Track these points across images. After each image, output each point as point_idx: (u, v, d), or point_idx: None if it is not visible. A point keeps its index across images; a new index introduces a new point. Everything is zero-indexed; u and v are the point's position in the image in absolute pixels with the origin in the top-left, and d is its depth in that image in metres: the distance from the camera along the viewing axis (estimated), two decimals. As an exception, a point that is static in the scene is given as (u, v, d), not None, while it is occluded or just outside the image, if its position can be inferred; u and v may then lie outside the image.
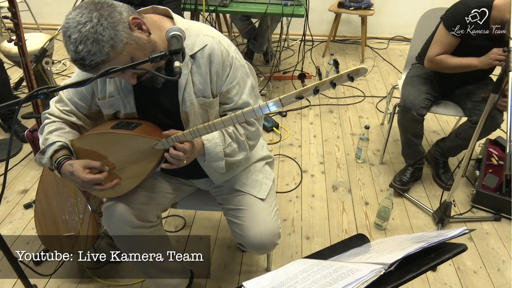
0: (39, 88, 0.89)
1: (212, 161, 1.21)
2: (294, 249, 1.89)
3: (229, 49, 1.20)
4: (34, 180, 2.28)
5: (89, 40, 0.94)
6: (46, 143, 1.19)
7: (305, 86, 0.98)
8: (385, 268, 0.73)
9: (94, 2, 0.99)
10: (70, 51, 0.96)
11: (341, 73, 0.92)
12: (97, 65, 0.97)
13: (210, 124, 1.05)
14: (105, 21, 0.95)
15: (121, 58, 0.99)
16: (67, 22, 0.96)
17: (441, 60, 1.94)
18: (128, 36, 0.99)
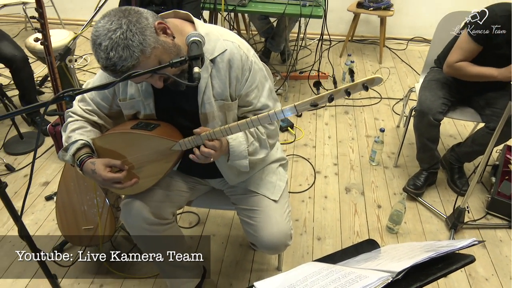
0: (65, 91, 0.93)
1: (236, 159, 1.22)
2: (305, 249, 1.91)
3: (248, 53, 1.23)
4: (55, 173, 2.36)
5: (120, 46, 0.97)
6: (69, 141, 1.25)
7: (320, 93, 1.00)
8: (393, 276, 0.75)
9: (121, 9, 1.03)
10: (101, 58, 0.99)
11: (356, 82, 0.94)
12: (128, 70, 1.00)
13: (230, 127, 1.07)
14: (134, 27, 0.99)
15: (150, 62, 1.02)
16: (97, 30, 0.99)
17: (461, 67, 1.92)
18: (155, 40, 1.02)
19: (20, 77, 2.53)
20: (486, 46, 1.84)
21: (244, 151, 1.21)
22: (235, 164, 1.24)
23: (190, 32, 1.18)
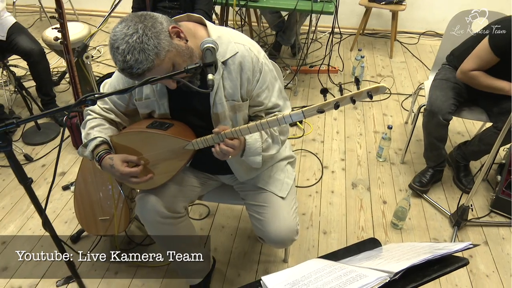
0: (87, 95, 1.00)
1: (250, 155, 1.26)
2: (311, 242, 1.98)
3: (259, 55, 1.28)
4: (71, 163, 2.45)
5: (136, 50, 1.03)
6: (88, 137, 1.32)
7: (326, 100, 1.05)
8: (390, 276, 0.81)
9: (137, 15, 1.08)
10: (119, 61, 1.05)
11: (361, 90, 0.99)
12: (143, 72, 1.06)
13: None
14: (149, 32, 1.04)
15: (164, 64, 1.08)
16: (115, 34, 1.05)
17: (475, 76, 1.92)
18: (169, 44, 1.08)
19: (37, 70, 2.61)
20: (503, 59, 1.83)
21: (259, 148, 1.26)
22: (249, 160, 1.28)
23: (203, 34, 1.23)
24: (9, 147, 1.03)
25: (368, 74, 3.40)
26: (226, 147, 1.16)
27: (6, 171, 2.39)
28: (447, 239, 2.00)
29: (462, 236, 2.02)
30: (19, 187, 2.29)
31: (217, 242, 1.98)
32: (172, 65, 1.10)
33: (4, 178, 2.35)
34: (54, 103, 2.78)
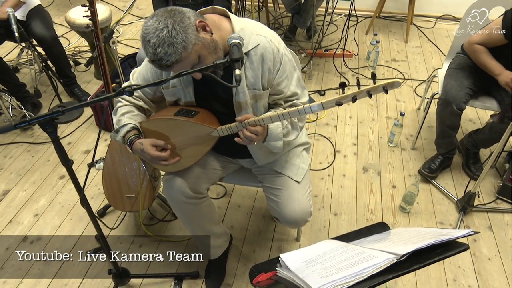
0: (125, 86, 1.10)
1: (272, 140, 1.35)
2: (322, 223, 2.09)
3: (279, 46, 1.35)
4: (95, 142, 2.57)
5: (165, 43, 1.12)
6: (120, 124, 1.42)
7: (345, 93, 1.12)
8: (397, 258, 0.91)
9: (167, 10, 1.16)
10: (149, 53, 1.14)
11: (377, 84, 1.07)
12: (172, 64, 1.15)
13: (269, 116, 1.20)
14: (178, 26, 1.13)
15: (191, 56, 1.17)
16: (146, 28, 1.14)
17: (477, 50, 2.00)
18: (196, 37, 1.16)
19: (53, 55, 2.69)
20: (510, 43, 1.88)
21: (280, 133, 1.34)
22: (270, 145, 1.37)
23: (227, 27, 1.31)
24: (55, 132, 1.14)
25: (383, 58, 3.42)
26: (250, 134, 1.25)
27: (35, 148, 2.53)
28: (453, 224, 2.09)
29: (467, 221, 2.11)
30: (47, 163, 2.43)
31: (233, 220, 2.11)
32: (198, 57, 1.19)
33: (33, 154, 2.49)
34: (75, 83, 2.89)
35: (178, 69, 1.18)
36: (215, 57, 1.22)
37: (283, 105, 1.42)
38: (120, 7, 4.18)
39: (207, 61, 1.20)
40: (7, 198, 2.21)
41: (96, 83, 3.09)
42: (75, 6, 4.15)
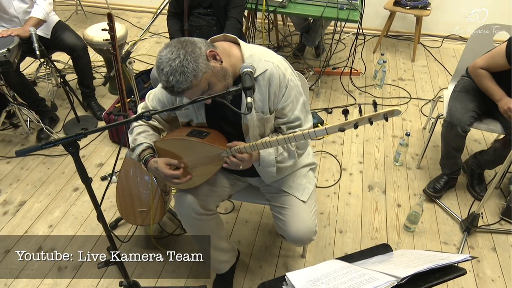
0: (144, 111, 1.18)
1: (265, 166, 1.46)
2: (328, 240, 2.14)
3: (286, 72, 1.42)
4: (108, 155, 2.66)
5: (177, 72, 1.20)
6: (135, 143, 1.50)
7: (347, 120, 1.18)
8: (398, 281, 0.96)
9: (180, 41, 1.25)
10: (162, 81, 1.23)
11: (378, 112, 1.12)
12: (183, 91, 1.24)
13: (267, 142, 1.29)
14: (189, 56, 1.21)
15: (201, 84, 1.25)
16: (160, 58, 1.22)
17: (480, 74, 2.06)
18: (206, 66, 1.24)
19: (80, 64, 2.81)
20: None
21: (272, 160, 1.43)
22: (264, 170, 1.47)
23: (237, 53, 1.39)
24: (77, 152, 1.22)
25: (390, 77, 3.48)
26: (236, 160, 1.36)
27: (50, 160, 2.62)
28: (457, 244, 2.12)
29: (471, 242, 2.14)
30: (62, 175, 2.52)
31: (240, 235, 2.16)
32: (208, 84, 1.27)
33: (48, 166, 2.58)
34: (93, 96, 3.00)
35: (189, 95, 1.26)
36: (225, 84, 1.30)
37: (284, 131, 1.49)
38: (134, 23, 4.32)
39: (217, 87, 1.29)
40: (23, 209, 2.29)
41: (111, 97, 3.20)
42: (91, 21, 4.32)
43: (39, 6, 2.52)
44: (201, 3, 2.48)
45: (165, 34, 4.06)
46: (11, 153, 2.66)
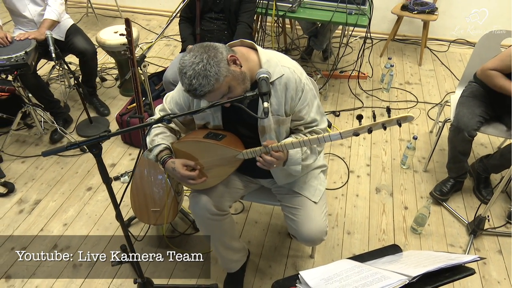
0: (165, 114, 1.22)
1: (291, 164, 1.47)
2: (336, 241, 2.18)
3: (301, 76, 1.47)
4: (120, 156, 2.71)
5: (200, 76, 1.25)
6: (153, 143, 1.55)
7: (361, 125, 1.23)
8: (409, 279, 1.00)
9: (203, 45, 1.29)
10: (185, 84, 1.27)
11: (392, 118, 1.17)
12: (205, 94, 1.28)
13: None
14: (212, 61, 1.26)
15: (222, 87, 1.29)
16: (184, 62, 1.27)
17: (492, 75, 2.07)
18: (227, 70, 1.29)
19: (87, 67, 2.88)
20: None
21: (299, 158, 1.46)
22: (290, 169, 1.50)
23: (254, 58, 1.44)
24: (100, 153, 1.27)
25: (397, 81, 3.52)
26: (270, 158, 1.37)
27: (64, 160, 2.68)
28: (463, 246, 2.16)
29: (477, 244, 2.17)
30: (75, 175, 2.58)
31: (250, 235, 2.21)
32: (228, 88, 1.31)
33: (62, 166, 2.64)
34: (95, 93, 3.10)
35: (210, 97, 1.31)
36: (243, 87, 1.35)
37: (303, 131, 1.54)
38: (144, 26, 4.39)
39: (236, 91, 1.33)
40: (38, 207, 2.35)
41: (122, 99, 3.26)
42: (101, 23, 4.39)
43: (51, 7, 2.58)
44: (213, 8, 2.53)
45: (174, 37, 4.13)
46: (26, 152, 2.72)
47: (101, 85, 3.40)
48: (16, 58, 2.26)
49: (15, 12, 2.63)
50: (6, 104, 2.72)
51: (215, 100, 1.37)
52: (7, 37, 2.39)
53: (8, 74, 2.31)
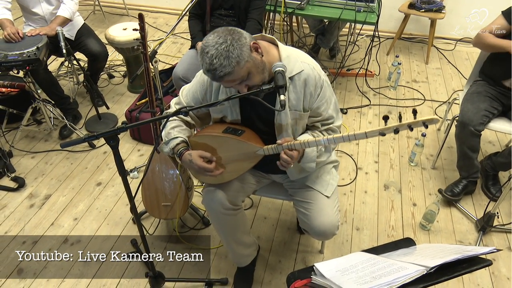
0: (182, 107, 1.24)
1: (307, 162, 1.49)
2: (345, 237, 2.19)
3: (320, 73, 1.48)
4: (129, 151, 2.73)
5: (222, 56, 1.24)
6: (169, 136, 1.56)
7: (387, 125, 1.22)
8: (427, 270, 1.01)
9: (228, 28, 1.30)
10: (205, 63, 1.26)
11: (418, 120, 1.12)
12: (224, 75, 1.26)
13: (313, 141, 1.32)
14: (235, 43, 1.26)
15: (241, 72, 1.28)
16: (207, 41, 1.26)
17: (483, 36, 2.12)
18: (248, 55, 1.29)
19: (95, 67, 2.92)
20: None
21: (314, 156, 1.47)
22: (305, 166, 1.51)
23: (274, 53, 1.44)
24: (117, 146, 1.28)
25: (404, 79, 3.53)
26: (285, 156, 1.37)
27: (73, 155, 2.69)
28: (472, 243, 2.16)
29: (486, 241, 2.17)
30: (85, 170, 2.59)
31: (260, 231, 2.22)
32: (247, 73, 1.30)
33: (72, 162, 2.65)
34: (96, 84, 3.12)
35: (228, 81, 1.30)
36: (262, 77, 1.35)
37: (319, 128, 1.55)
38: (151, 23, 4.40)
39: (255, 78, 1.33)
40: (48, 202, 2.37)
41: (130, 95, 3.27)
42: (108, 20, 4.40)
43: (66, 5, 2.60)
44: (223, 5, 2.54)
45: (181, 35, 4.14)
46: (36, 148, 2.74)
47: (109, 82, 3.42)
48: (28, 54, 2.28)
49: (27, 9, 2.65)
50: (16, 100, 2.74)
51: (232, 86, 1.36)
52: (19, 33, 2.41)
53: (20, 69, 2.32)
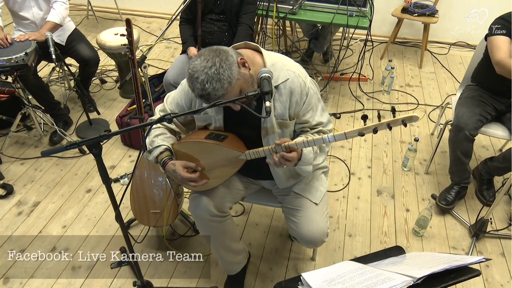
0: (166, 114, 1.21)
1: (303, 164, 1.43)
2: (337, 244, 2.16)
3: (306, 80, 1.46)
4: (120, 158, 2.70)
5: (214, 80, 1.23)
6: (153, 145, 1.53)
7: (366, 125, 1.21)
8: (414, 281, 0.99)
9: (212, 49, 1.28)
10: (197, 89, 1.25)
11: (397, 118, 1.16)
12: (218, 97, 1.26)
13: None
14: (224, 64, 1.24)
15: (234, 90, 1.28)
16: (194, 67, 1.25)
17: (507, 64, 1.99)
18: (238, 73, 1.27)
19: (86, 72, 2.90)
20: None
21: (311, 158, 1.44)
22: (301, 169, 1.48)
23: (259, 61, 1.43)
24: (100, 153, 1.26)
25: (397, 83, 3.52)
26: (287, 155, 1.32)
27: (63, 162, 2.66)
28: (465, 249, 2.14)
29: (480, 247, 2.15)
30: (75, 177, 2.56)
31: (251, 238, 2.19)
32: (240, 91, 1.30)
33: (61, 168, 2.62)
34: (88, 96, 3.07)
35: (220, 105, 1.27)
36: (252, 89, 1.32)
37: (310, 131, 1.52)
38: (145, 28, 4.39)
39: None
40: (37, 210, 2.33)
41: (122, 101, 3.25)
42: (101, 25, 4.38)
43: (55, 10, 2.58)
44: (214, 9, 2.52)
45: (174, 39, 4.13)
46: (25, 154, 2.71)
47: (101, 87, 3.40)
48: (16, 59, 2.25)
49: (17, 14, 2.62)
50: (5, 105, 2.71)
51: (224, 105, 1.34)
52: (7, 38, 2.39)
53: (8, 75, 2.29)
